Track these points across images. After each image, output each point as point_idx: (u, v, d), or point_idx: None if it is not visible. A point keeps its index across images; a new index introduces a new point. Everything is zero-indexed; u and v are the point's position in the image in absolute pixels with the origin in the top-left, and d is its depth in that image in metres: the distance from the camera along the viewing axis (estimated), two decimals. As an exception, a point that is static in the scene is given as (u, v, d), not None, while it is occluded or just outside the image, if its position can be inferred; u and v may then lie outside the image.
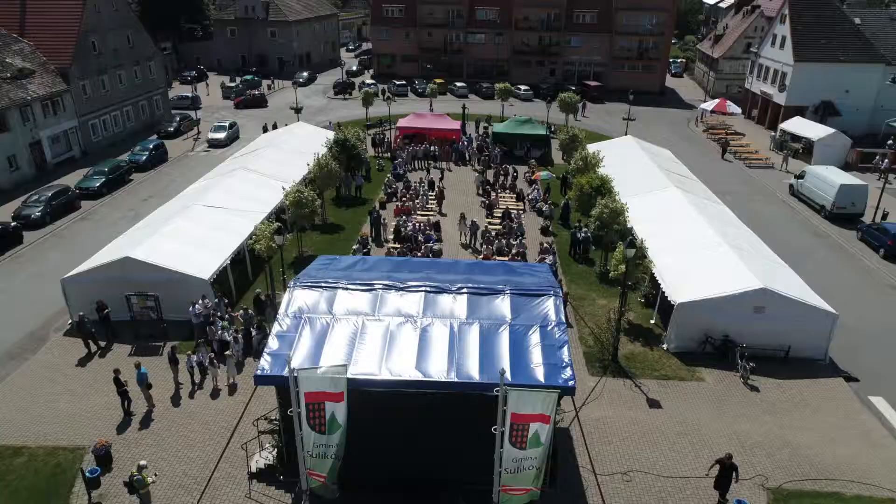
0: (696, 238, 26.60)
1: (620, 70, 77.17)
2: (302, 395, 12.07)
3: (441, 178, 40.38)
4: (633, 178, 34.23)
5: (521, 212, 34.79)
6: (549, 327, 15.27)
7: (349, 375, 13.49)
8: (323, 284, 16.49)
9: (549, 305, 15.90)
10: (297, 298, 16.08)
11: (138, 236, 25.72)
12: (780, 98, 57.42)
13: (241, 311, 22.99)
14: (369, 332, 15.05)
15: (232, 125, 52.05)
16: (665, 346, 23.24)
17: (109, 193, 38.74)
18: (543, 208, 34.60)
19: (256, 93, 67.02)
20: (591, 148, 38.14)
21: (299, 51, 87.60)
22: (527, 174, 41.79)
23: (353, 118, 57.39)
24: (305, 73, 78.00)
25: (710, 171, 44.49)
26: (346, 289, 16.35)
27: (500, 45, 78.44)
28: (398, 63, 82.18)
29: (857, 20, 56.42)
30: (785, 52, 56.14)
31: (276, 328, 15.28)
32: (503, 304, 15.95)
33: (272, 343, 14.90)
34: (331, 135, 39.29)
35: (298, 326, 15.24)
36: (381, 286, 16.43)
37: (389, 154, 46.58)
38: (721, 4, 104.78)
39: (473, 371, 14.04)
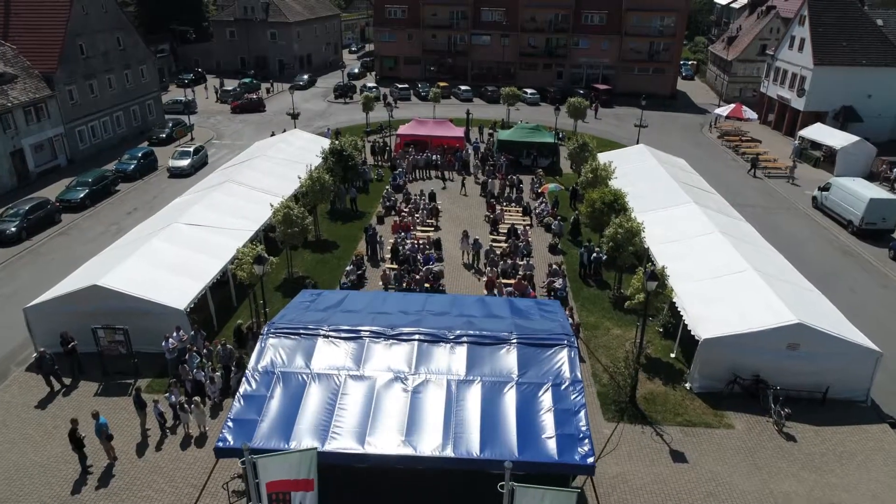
0: (720, 262, 24.30)
1: (630, 73, 74.77)
2: (262, 486, 9.90)
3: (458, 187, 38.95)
4: (649, 192, 31.92)
5: (527, 227, 32.53)
6: (563, 386, 13.06)
7: (326, 449, 11.38)
8: (301, 331, 14.29)
9: (562, 358, 13.68)
10: (269, 349, 13.89)
11: (110, 260, 23.57)
12: (798, 103, 54.91)
13: (220, 347, 20.77)
14: (351, 393, 12.84)
15: (198, 150, 44.55)
16: (688, 386, 20.97)
17: (93, 206, 36.61)
18: (552, 224, 32.31)
19: (254, 97, 64.87)
20: (602, 158, 35.82)
21: (300, 52, 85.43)
22: (533, 182, 39.49)
23: (353, 123, 55.31)
24: (305, 77, 75.86)
25: (727, 181, 42.15)
26: (327, 336, 14.15)
27: (505, 47, 76.16)
28: (401, 65, 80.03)
29: (880, 21, 53.96)
30: (804, 54, 53.62)
31: (243, 387, 13.10)
32: (509, 357, 13.72)
33: (238, 406, 12.72)
34: (327, 143, 37.07)
35: (270, 384, 13.06)
36: (367, 333, 14.22)
37: (389, 163, 44.38)
38: (734, 5, 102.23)
39: (474, 445, 11.82)
